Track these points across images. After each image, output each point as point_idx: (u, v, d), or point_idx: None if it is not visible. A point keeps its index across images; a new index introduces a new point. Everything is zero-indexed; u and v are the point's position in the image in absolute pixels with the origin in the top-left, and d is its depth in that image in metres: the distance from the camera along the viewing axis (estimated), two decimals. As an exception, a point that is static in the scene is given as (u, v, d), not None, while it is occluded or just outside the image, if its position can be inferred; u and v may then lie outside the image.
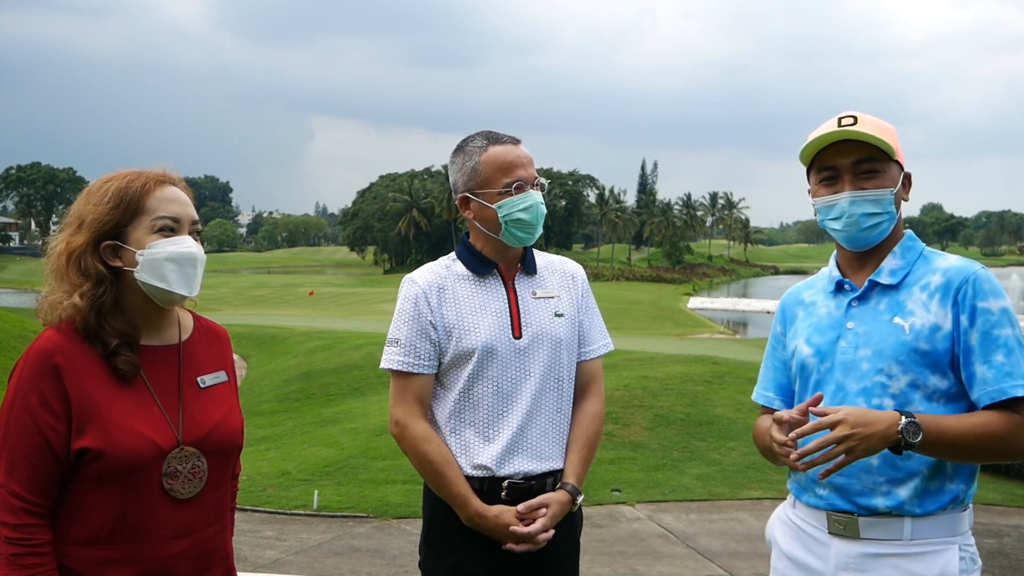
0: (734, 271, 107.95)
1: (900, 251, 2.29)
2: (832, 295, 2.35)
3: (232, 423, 2.16)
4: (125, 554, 1.96)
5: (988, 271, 2.21)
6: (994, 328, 2.12)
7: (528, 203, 2.59)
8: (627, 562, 6.81)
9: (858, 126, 2.23)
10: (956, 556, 2.12)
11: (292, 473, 9.62)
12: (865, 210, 2.23)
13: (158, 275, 2.00)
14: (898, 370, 2.16)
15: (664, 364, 13.79)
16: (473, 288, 2.65)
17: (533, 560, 2.56)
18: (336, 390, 15.11)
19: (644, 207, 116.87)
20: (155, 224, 2.01)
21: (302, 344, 21.10)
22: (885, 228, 2.26)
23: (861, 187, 2.24)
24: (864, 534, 2.16)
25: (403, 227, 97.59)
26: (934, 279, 2.21)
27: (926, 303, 2.18)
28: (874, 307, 2.26)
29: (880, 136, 2.21)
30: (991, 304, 2.14)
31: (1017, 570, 6.29)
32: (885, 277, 2.26)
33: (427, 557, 2.66)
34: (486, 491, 2.56)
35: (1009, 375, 2.08)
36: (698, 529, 7.57)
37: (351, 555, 7.06)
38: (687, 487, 8.63)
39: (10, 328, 18.83)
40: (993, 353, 2.10)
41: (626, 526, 7.69)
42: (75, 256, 1.97)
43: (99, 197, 2.00)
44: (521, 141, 2.69)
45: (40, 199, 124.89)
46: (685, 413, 10.67)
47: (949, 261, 2.24)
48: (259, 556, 6.96)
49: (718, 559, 6.85)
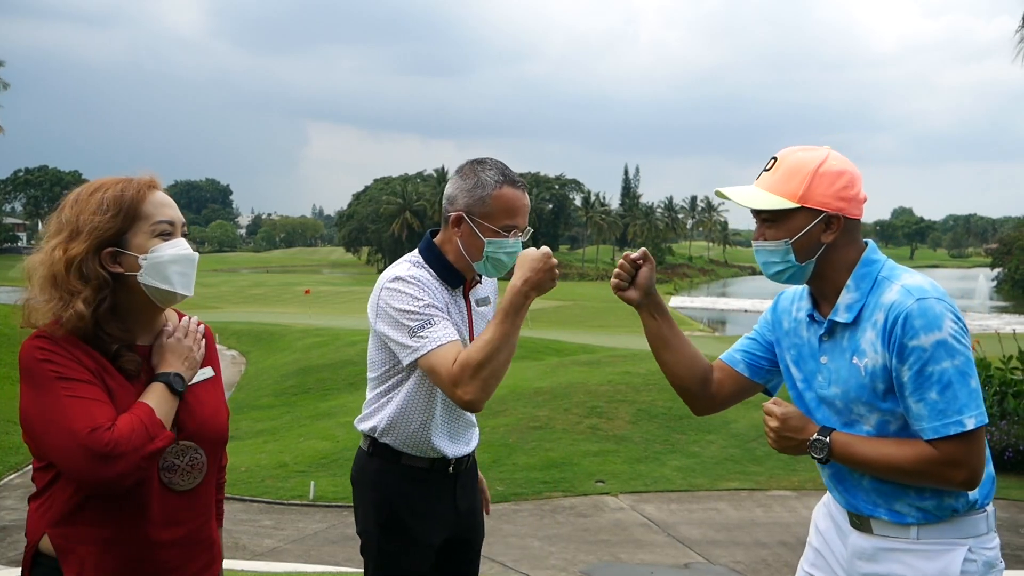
0: (713, 271, 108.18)
1: (854, 283, 2.16)
2: (808, 323, 2.29)
3: (221, 417, 2.17)
4: (114, 536, 1.95)
5: (927, 302, 2.03)
6: (927, 365, 1.99)
7: (513, 250, 2.68)
8: (610, 550, 6.82)
9: (764, 177, 2.18)
10: (960, 557, 2.10)
11: (289, 465, 9.60)
12: (765, 259, 2.20)
13: (162, 277, 2.00)
14: (864, 410, 2.14)
15: (647, 360, 13.79)
16: (447, 297, 2.71)
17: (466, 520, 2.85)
18: (332, 385, 15.10)
19: (628, 210, 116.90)
20: (155, 229, 2.01)
21: (299, 341, 21.06)
22: (795, 273, 2.18)
23: (763, 234, 2.19)
24: (877, 531, 2.19)
25: (396, 229, 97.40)
26: (879, 317, 2.08)
27: (874, 343, 2.09)
28: (839, 343, 2.18)
29: (786, 186, 2.13)
30: (922, 340, 1.99)
31: None
32: (842, 314, 2.16)
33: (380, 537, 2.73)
34: (436, 470, 2.74)
35: (942, 413, 1.99)
36: (679, 519, 7.58)
37: (346, 543, 7.05)
38: (668, 478, 8.64)
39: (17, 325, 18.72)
40: (927, 391, 2.00)
41: (609, 516, 7.69)
42: (75, 263, 1.95)
43: (95, 206, 1.98)
44: (527, 188, 2.77)
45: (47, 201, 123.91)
46: (667, 407, 10.68)
47: (892, 294, 2.08)
48: (257, 545, 6.94)
49: (697, 547, 6.86)
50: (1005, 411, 9.11)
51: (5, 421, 11.51)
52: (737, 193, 2.21)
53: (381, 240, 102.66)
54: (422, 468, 2.73)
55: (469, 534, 2.91)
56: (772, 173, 2.17)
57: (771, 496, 8.12)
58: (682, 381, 2.43)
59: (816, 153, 2.16)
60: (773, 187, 2.15)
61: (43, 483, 1.98)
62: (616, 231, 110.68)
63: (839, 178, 2.13)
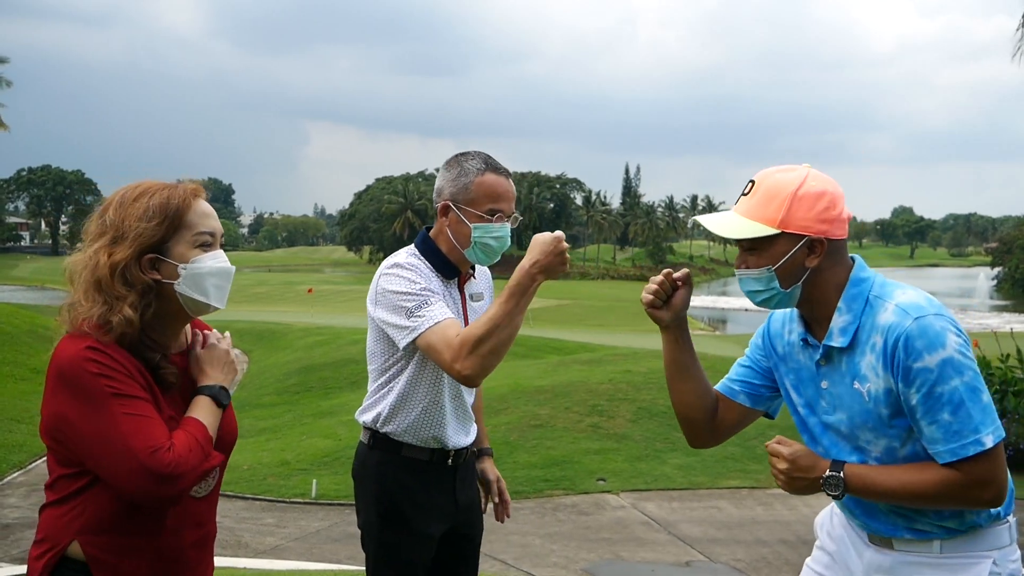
0: (714, 270, 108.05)
1: (845, 304, 2.07)
2: (803, 347, 2.20)
3: (234, 423, 2.18)
4: (142, 544, 1.96)
5: (927, 320, 1.95)
6: (935, 386, 1.92)
7: (500, 233, 2.76)
8: (612, 548, 6.82)
9: (742, 203, 2.10)
10: (986, 571, 2.06)
11: (291, 463, 9.60)
12: (748, 287, 2.12)
13: (199, 289, 1.99)
14: (871, 436, 2.08)
15: (647, 359, 13.79)
16: (443, 288, 2.78)
17: (465, 512, 2.89)
18: (334, 383, 15.10)
19: (628, 209, 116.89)
20: (196, 239, 2.00)
21: (301, 339, 21.06)
22: (782, 299, 2.11)
23: (744, 261, 2.11)
24: (899, 547, 2.14)
25: (398, 228, 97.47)
26: (877, 340, 2.01)
27: (875, 366, 2.01)
28: (837, 368, 2.11)
29: (763, 211, 2.05)
30: (927, 361, 1.92)
31: None
32: (837, 339, 2.07)
33: (380, 528, 2.78)
34: (435, 461, 2.78)
35: (958, 434, 1.92)
36: (679, 517, 7.58)
37: (348, 541, 7.05)
38: (669, 477, 8.64)
39: (21, 323, 18.73)
40: (938, 412, 1.93)
41: (611, 514, 7.69)
42: (119, 269, 1.92)
43: (140, 211, 1.95)
44: (511, 176, 2.82)
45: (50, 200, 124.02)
46: (667, 406, 10.65)
47: (887, 314, 2.00)
48: (260, 543, 6.94)
49: (698, 545, 6.86)
50: (1005, 409, 9.11)
51: (7, 419, 11.52)
52: (715, 223, 2.13)
53: (383, 239, 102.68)
54: (422, 460, 2.78)
55: (469, 529, 2.94)
56: (750, 198, 2.09)
57: (772, 494, 8.11)
58: (692, 412, 2.33)
59: (794, 174, 2.07)
60: (751, 213, 2.07)
61: (70, 490, 1.93)
62: (617, 230, 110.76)
63: (819, 200, 2.04)
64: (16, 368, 15.22)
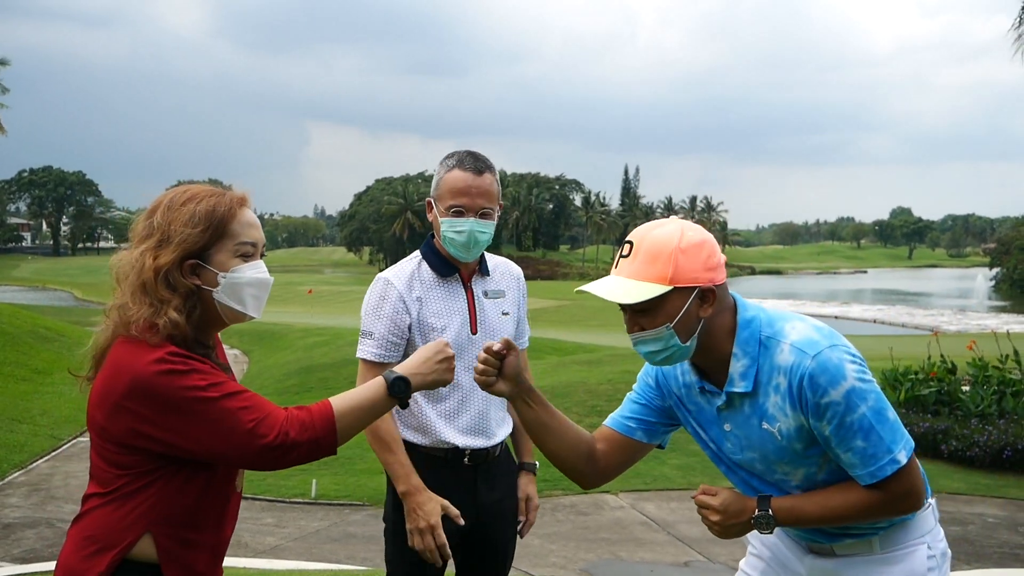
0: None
1: (740, 349, 2.07)
2: (699, 392, 2.19)
3: None
4: (205, 539, 2.00)
5: (822, 355, 1.98)
6: (845, 416, 1.96)
7: (461, 228, 2.81)
8: (610, 548, 6.82)
9: (623, 264, 2.04)
10: (923, 555, 2.14)
11: (291, 463, 9.58)
12: (648, 348, 2.06)
13: (237, 298, 1.99)
14: (788, 468, 2.11)
15: (646, 359, 13.78)
16: (441, 291, 2.88)
17: (488, 515, 2.91)
18: (333, 384, 15.08)
19: (628, 210, 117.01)
20: (238, 249, 2.00)
21: (301, 340, 21.07)
22: (679, 355, 2.07)
23: (639, 324, 2.05)
24: (840, 552, 2.20)
25: (398, 229, 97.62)
26: (780, 381, 2.03)
27: (782, 406, 2.03)
28: (740, 411, 2.11)
29: (650, 270, 2.01)
30: (832, 396, 1.96)
31: (982, 556, 6.31)
32: (738, 384, 2.08)
33: (396, 520, 2.84)
34: (450, 460, 2.86)
35: (873, 457, 1.98)
36: (678, 517, 7.57)
37: (347, 541, 7.05)
38: (668, 477, 8.63)
39: (22, 324, 18.72)
40: (852, 440, 1.98)
41: (609, 514, 7.69)
42: (163, 272, 1.92)
43: (186, 217, 1.95)
44: (488, 171, 2.84)
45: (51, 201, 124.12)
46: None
47: (784, 355, 2.02)
48: (259, 543, 6.94)
49: (697, 545, 6.85)
50: (1003, 410, 9.10)
51: (9, 419, 11.51)
52: (604, 289, 2.03)
53: (383, 240, 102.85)
54: (439, 457, 2.86)
55: (491, 531, 2.94)
56: (632, 260, 2.04)
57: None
58: (570, 463, 2.26)
59: (670, 228, 2.05)
60: (639, 274, 2.01)
61: (135, 487, 1.91)
62: (616, 231, 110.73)
63: (701, 249, 2.03)
64: (17, 368, 15.20)
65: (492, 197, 2.84)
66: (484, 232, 2.83)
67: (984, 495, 7.82)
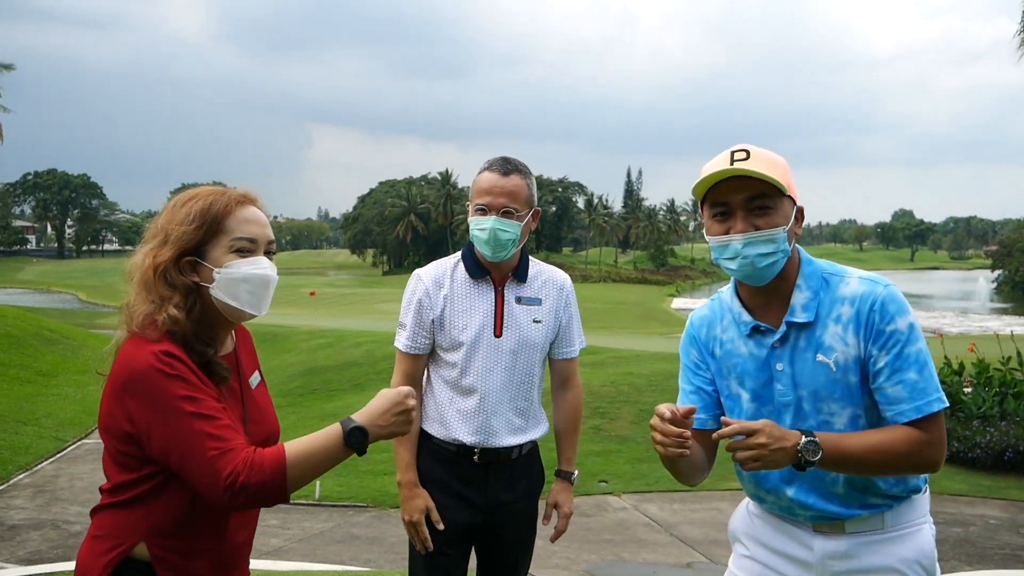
0: (715, 273, 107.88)
1: (804, 282, 2.13)
2: (748, 337, 2.19)
3: (275, 418, 2.22)
4: (204, 546, 2.00)
5: (893, 288, 2.08)
6: (906, 346, 2.02)
7: (483, 226, 2.85)
8: (613, 550, 6.82)
9: (750, 162, 2.05)
10: (929, 533, 2.19)
11: (295, 465, 9.58)
12: (759, 251, 2.06)
13: (232, 294, 1.99)
14: (837, 407, 2.10)
15: (649, 361, 13.80)
16: (469, 291, 2.94)
17: (502, 514, 2.97)
18: (337, 386, 15.07)
19: (630, 212, 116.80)
20: (232, 244, 2.00)
21: (305, 342, 21.08)
22: (780, 263, 2.10)
23: (754, 224, 2.06)
24: (850, 529, 2.18)
25: (401, 231, 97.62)
26: (844, 311, 2.08)
27: (843, 336, 2.07)
28: (796, 346, 2.12)
29: (771, 173, 2.03)
30: (899, 324, 2.03)
31: (983, 557, 6.30)
32: (799, 315, 2.11)
33: None
34: (461, 455, 2.92)
35: (923, 392, 2.02)
36: (681, 518, 7.57)
37: (351, 543, 7.05)
38: (670, 479, 8.58)
39: (27, 326, 18.75)
40: (906, 372, 2.02)
41: (612, 515, 7.69)
42: (161, 270, 1.95)
43: (184, 216, 1.98)
44: (516, 173, 2.89)
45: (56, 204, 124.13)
46: (669, 408, 10.64)
47: (851, 286, 2.09)
48: (264, 544, 6.94)
49: (699, 547, 6.85)
50: (1005, 412, 9.09)
51: (14, 421, 11.52)
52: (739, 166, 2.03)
53: (386, 242, 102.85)
54: (451, 451, 2.94)
55: (501, 529, 3.00)
56: (752, 160, 2.05)
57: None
58: (697, 477, 2.28)
59: None
60: (765, 169, 2.03)
61: (135, 493, 1.94)
62: (619, 233, 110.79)
63: None
64: (22, 371, 15.23)
65: (516, 198, 2.85)
66: (506, 231, 2.83)
67: (986, 496, 7.81)
